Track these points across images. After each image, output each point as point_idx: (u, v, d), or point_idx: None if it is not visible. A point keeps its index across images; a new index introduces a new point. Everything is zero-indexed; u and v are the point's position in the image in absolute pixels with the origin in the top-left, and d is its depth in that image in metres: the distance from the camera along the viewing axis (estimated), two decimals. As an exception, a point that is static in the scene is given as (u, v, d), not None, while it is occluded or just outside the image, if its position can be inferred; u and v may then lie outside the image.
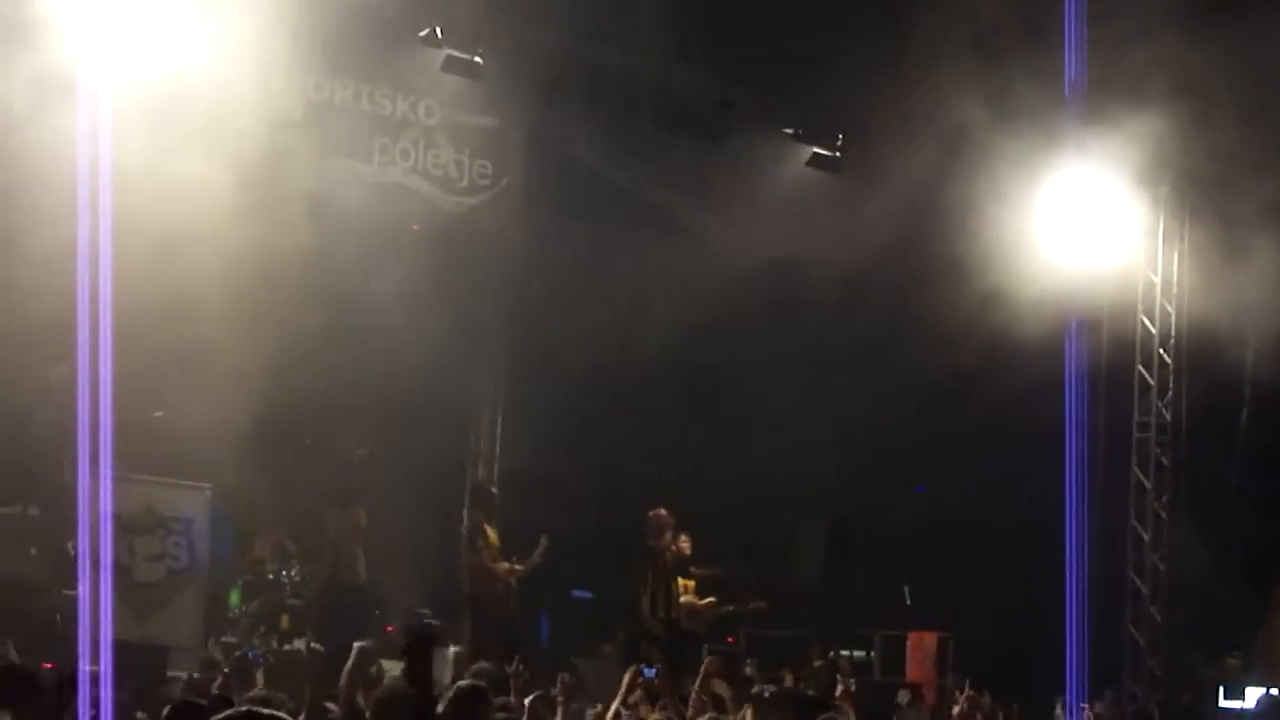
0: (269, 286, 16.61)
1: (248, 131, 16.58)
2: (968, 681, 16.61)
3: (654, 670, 14.90)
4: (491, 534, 19.11)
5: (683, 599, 18.97)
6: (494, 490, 19.85)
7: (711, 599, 19.39)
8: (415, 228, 20.18)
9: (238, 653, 12.76)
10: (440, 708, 8.86)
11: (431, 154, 19.30)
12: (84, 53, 14.54)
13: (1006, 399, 18.69)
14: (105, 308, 6.27)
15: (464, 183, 19.55)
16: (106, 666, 7.42)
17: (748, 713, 12.14)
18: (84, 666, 7.46)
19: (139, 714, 9.93)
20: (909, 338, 20.70)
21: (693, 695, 13.02)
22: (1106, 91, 18.47)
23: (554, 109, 19.47)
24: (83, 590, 16.76)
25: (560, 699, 11.43)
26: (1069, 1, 16.89)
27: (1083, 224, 20.27)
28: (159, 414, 18.17)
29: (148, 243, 14.75)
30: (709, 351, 20.50)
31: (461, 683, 9.67)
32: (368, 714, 9.31)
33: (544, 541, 18.86)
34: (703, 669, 13.61)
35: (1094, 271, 20.36)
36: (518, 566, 18.95)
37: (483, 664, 11.95)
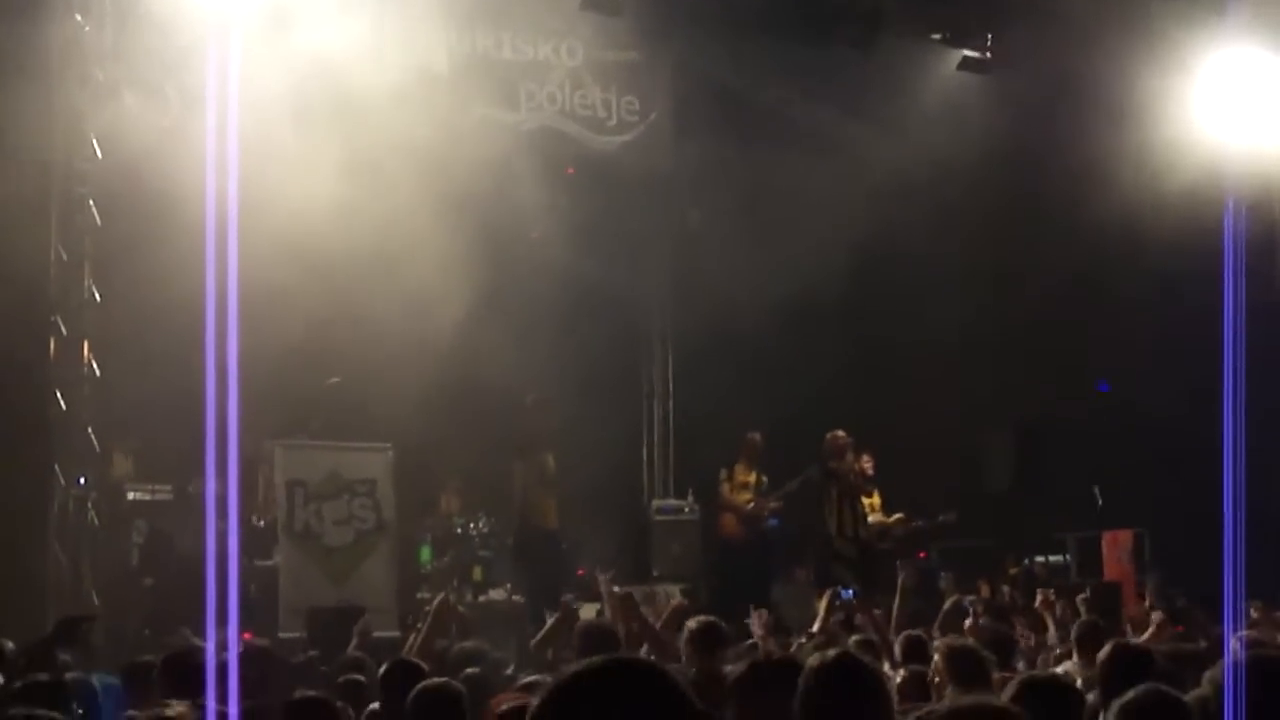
0: (432, 245, 16.66)
1: (394, 88, 16.60)
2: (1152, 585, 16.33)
3: (850, 591, 14.80)
4: (744, 474, 19.13)
5: (871, 519, 18.88)
6: (753, 435, 19.61)
7: (900, 515, 19.27)
8: (569, 171, 20.15)
9: (427, 608, 12.81)
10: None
11: (578, 95, 19.24)
12: (220, 11, 14.61)
13: (1180, 290, 18.30)
14: (232, 283, 6.20)
15: (613, 121, 19.49)
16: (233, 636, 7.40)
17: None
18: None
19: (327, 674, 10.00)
20: (1073, 234, 20.32)
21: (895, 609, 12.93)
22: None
23: (696, 36, 19.28)
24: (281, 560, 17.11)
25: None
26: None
27: (1245, 104, 19.64)
28: (335, 380, 18.38)
29: (302, 210, 14.88)
30: (873, 267, 20.24)
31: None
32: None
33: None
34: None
35: (1258, 153, 19.75)
36: (773, 504, 19.07)
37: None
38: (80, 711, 8.28)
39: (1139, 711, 5.35)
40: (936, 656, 8.22)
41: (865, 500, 18.86)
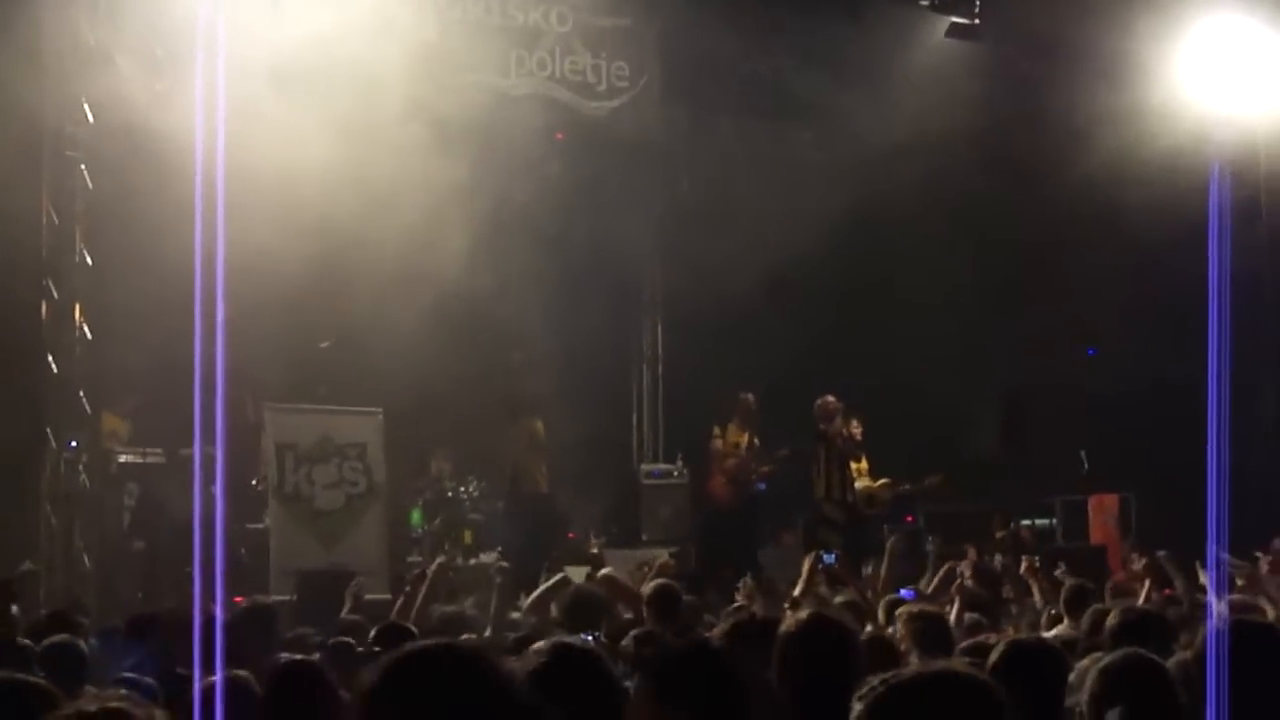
0: (422, 211, 16.68)
1: (383, 55, 16.61)
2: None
3: (834, 556, 14.90)
4: (736, 434, 19.23)
5: (857, 484, 18.98)
6: (746, 396, 19.69)
7: (885, 480, 19.37)
8: (559, 136, 20.18)
9: (415, 571, 12.91)
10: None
11: (568, 61, 19.22)
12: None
13: (1163, 255, 18.37)
14: (220, 246, 6.24)
15: (603, 86, 19.49)
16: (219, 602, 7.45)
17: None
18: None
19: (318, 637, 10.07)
20: (1058, 199, 20.42)
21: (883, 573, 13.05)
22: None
23: (686, 2, 19.26)
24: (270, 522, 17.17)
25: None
26: None
27: (1231, 69, 19.68)
28: (325, 344, 18.44)
29: (291, 175, 14.92)
30: (860, 233, 20.30)
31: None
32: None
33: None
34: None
35: (1243, 119, 19.80)
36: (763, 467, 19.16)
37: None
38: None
39: (1120, 673, 5.44)
40: (899, 622, 8.29)
41: (854, 465, 18.97)
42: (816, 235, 18.90)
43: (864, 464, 19.27)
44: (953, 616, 10.26)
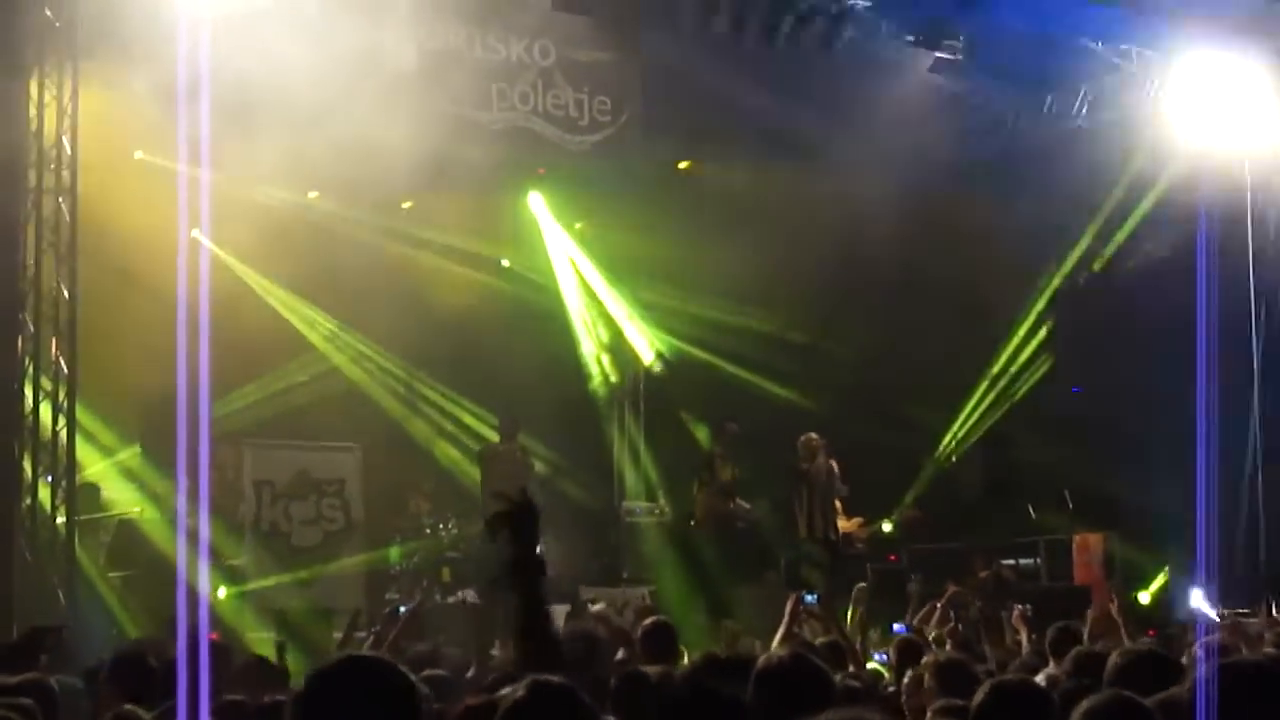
0: (400, 247, 16.65)
1: (363, 86, 16.54)
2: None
3: (815, 596, 14.79)
4: (724, 470, 19.13)
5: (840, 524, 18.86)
6: (730, 425, 19.62)
7: (859, 519, 19.30)
8: (540, 171, 20.15)
9: (388, 609, 12.79)
10: None
11: (551, 95, 19.13)
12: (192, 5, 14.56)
13: (1156, 295, 18.36)
14: (204, 284, 6.18)
15: (585, 121, 19.39)
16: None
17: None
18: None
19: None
20: (1044, 237, 20.45)
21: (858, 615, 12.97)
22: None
23: (667, 36, 19.21)
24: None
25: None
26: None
27: (1218, 109, 19.66)
28: (303, 380, 18.38)
29: (266, 208, 14.86)
30: (844, 270, 20.29)
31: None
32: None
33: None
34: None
35: (1233, 157, 19.78)
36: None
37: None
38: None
39: (1102, 715, 5.33)
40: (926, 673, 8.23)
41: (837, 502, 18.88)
42: (796, 269, 18.91)
43: (840, 503, 19.16)
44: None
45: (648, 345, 21.91)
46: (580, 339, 21.60)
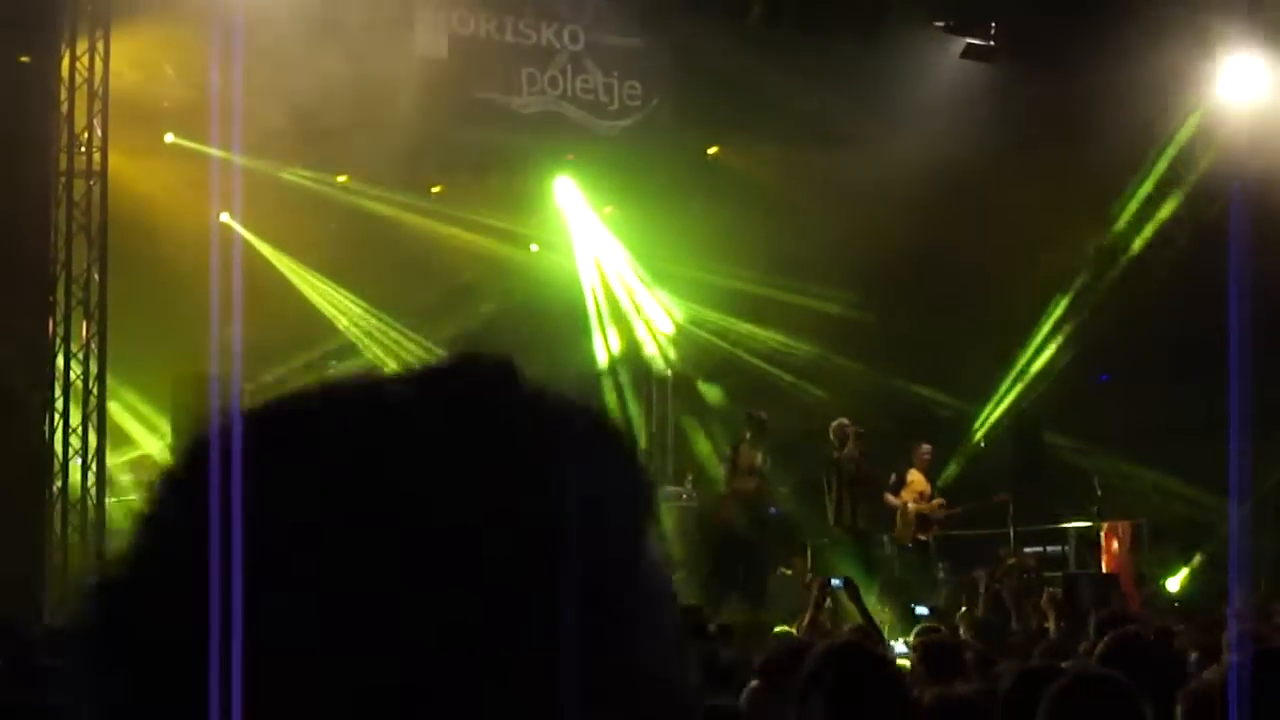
0: (430, 229, 16.65)
1: (395, 71, 16.57)
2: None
3: (841, 581, 14.75)
4: (749, 455, 19.02)
5: (911, 506, 18.75)
6: (758, 414, 19.49)
7: (940, 500, 19.11)
8: (570, 157, 20.14)
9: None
10: None
11: (580, 80, 19.13)
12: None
13: (1187, 284, 18.26)
14: (237, 267, 6.18)
15: (614, 106, 19.39)
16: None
17: None
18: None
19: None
20: (1076, 221, 20.37)
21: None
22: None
23: (698, 22, 19.17)
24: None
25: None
26: None
27: (1256, 106, 19.57)
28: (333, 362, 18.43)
29: (304, 195, 14.89)
30: (878, 256, 20.24)
31: None
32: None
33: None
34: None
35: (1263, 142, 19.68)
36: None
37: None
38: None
39: (1073, 694, 5.22)
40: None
41: (919, 483, 18.79)
42: (828, 258, 18.86)
43: (926, 486, 19.03)
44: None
45: (674, 328, 21.91)
46: (606, 322, 21.61)
